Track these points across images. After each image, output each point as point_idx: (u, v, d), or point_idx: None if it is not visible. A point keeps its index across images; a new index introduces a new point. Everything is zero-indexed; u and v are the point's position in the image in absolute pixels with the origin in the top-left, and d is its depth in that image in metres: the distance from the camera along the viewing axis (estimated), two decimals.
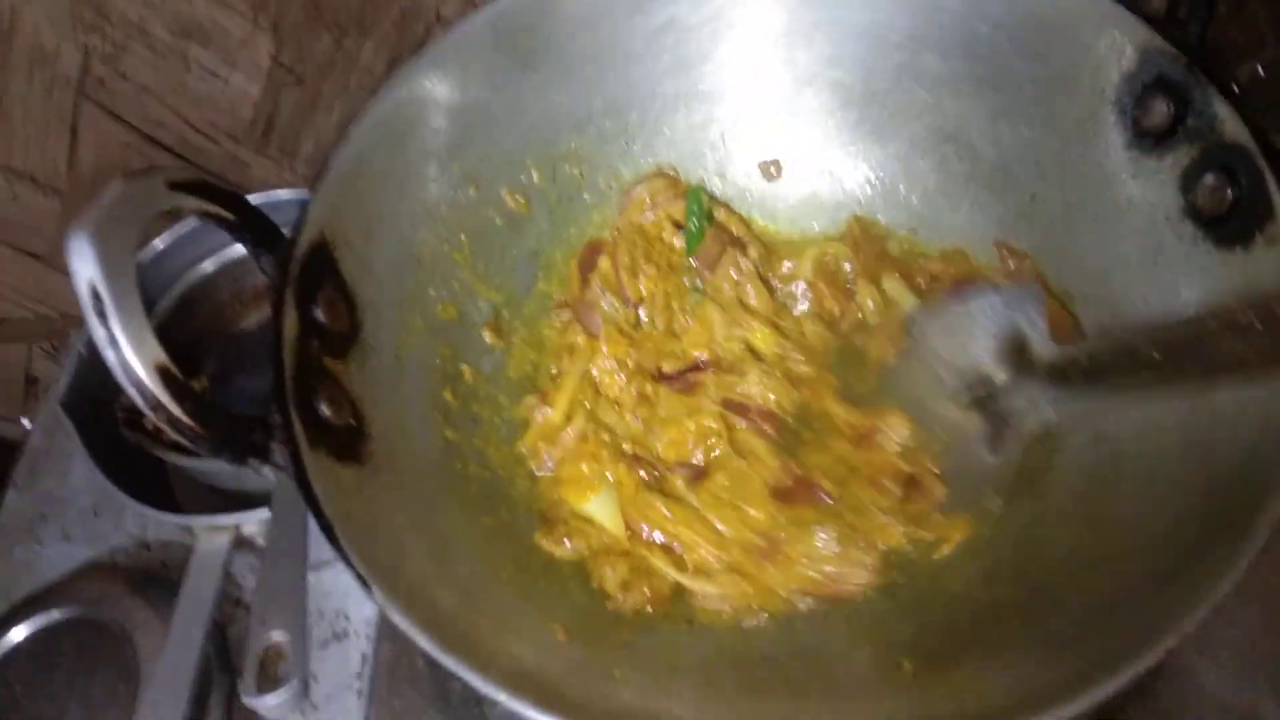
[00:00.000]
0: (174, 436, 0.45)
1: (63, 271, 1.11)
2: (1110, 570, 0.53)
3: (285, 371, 0.50)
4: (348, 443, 0.53)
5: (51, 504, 0.98)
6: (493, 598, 0.54)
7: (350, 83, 1.11)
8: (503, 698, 0.44)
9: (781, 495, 0.64)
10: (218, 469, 0.86)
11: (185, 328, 0.97)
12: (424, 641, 0.44)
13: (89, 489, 0.98)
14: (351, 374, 0.56)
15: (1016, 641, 0.53)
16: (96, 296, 0.43)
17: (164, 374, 0.44)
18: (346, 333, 0.57)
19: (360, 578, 0.45)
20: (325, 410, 0.52)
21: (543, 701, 0.44)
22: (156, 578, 0.89)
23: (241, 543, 0.84)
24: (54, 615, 0.83)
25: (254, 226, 0.55)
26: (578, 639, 0.54)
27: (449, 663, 0.44)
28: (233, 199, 0.54)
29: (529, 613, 0.56)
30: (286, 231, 0.56)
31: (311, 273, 0.55)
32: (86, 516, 0.97)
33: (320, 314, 0.55)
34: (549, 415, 0.67)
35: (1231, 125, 0.55)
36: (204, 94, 1.09)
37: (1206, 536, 0.48)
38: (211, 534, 0.82)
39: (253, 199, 0.94)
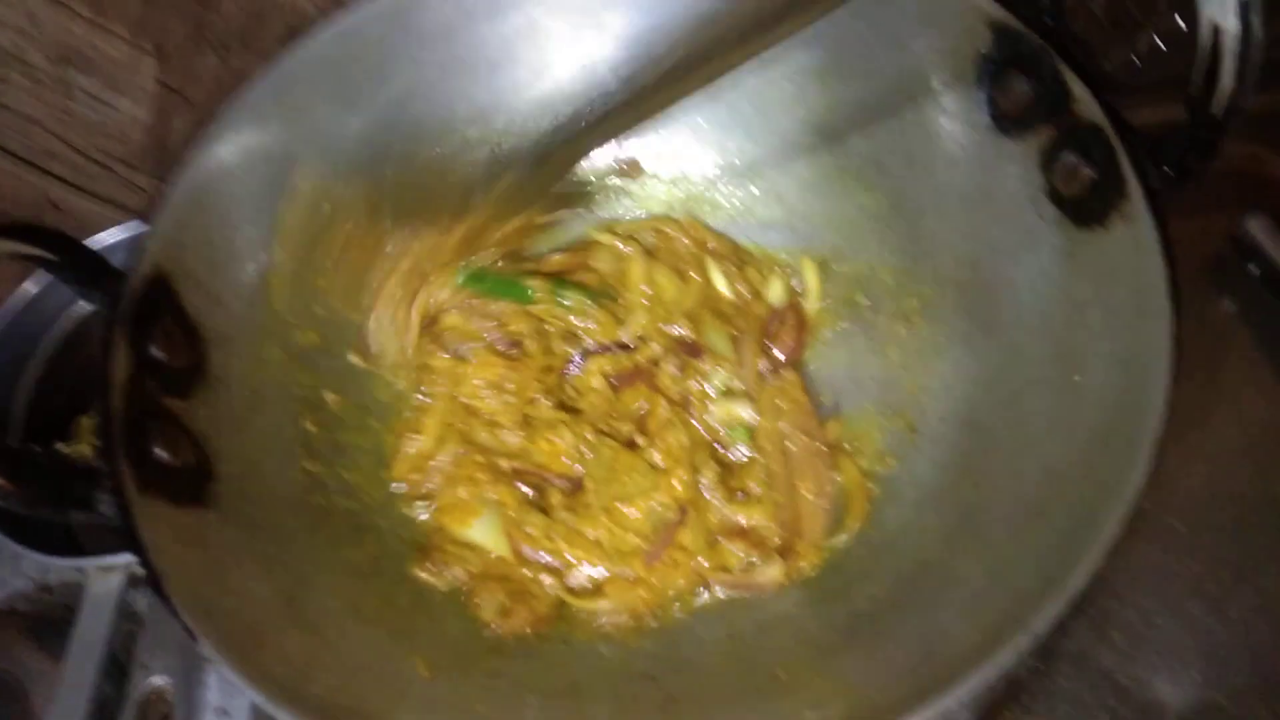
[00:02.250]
0: None
1: None
2: (984, 558, 0.52)
3: (113, 416, 0.49)
4: (188, 485, 0.51)
5: None
6: (351, 637, 0.53)
7: None
8: None
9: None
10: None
11: (71, 364, 0.94)
12: (259, 698, 0.43)
13: None
14: (196, 411, 0.54)
15: (889, 639, 0.52)
16: None
17: None
18: (189, 369, 0.55)
19: (188, 630, 0.44)
20: (161, 453, 0.50)
21: None
22: (57, 623, 0.86)
23: (137, 581, 0.82)
24: None
25: (81, 265, 0.53)
26: (442, 674, 0.53)
27: (284, 717, 0.42)
28: (55, 238, 0.52)
29: (391, 650, 0.54)
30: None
31: (147, 309, 0.53)
32: None
33: (158, 351, 0.53)
34: (420, 444, 0.65)
35: (1085, 104, 0.54)
36: (92, 121, 1.06)
37: (1075, 514, 0.48)
38: (102, 574, 0.80)
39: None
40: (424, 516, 0.64)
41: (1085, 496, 0.48)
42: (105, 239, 0.93)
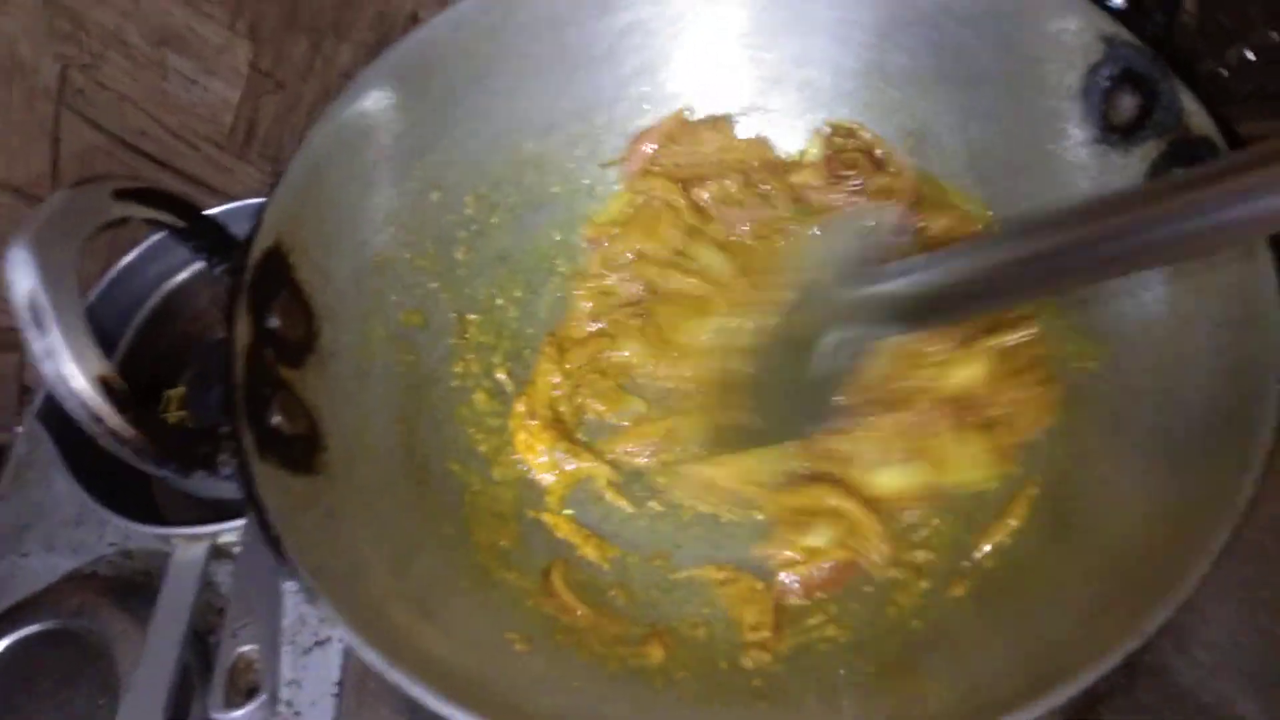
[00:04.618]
0: (116, 450, 0.45)
1: None
2: (1081, 561, 0.52)
3: (236, 382, 0.50)
4: (301, 453, 0.52)
5: (35, 514, 0.98)
6: (453, 608, 0.54)
7: (329, 87, 1.10)
8: (456, 715, 0.43)
9: None
10: (198, 479, 0.85)
11: (165, 334, 0.97)
12: (372, 656, 0.44)
13: (71, 499, 0.97)
14: (308, 383, 0.55)
15: (979, 642, 0.52)
16: (34, 308, 0.42)
17: (105, 386, 0.44)
18: (303, 341, 0.56)
19: (308, 591, 0.45)
20: (278, 420, 0.51)
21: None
22: (139, 588, 0.88)
23: (220, 552, 0.84)
24: (33, 628, 0.82)
25: (207, 234, 0.55)
26: (538, 649, 0.54)
27: (400, 680, 0.43)
28: (184, 207, 0.53)
29: (489, 622, 0.55)
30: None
31: (266, 280, 0.54)
32: (70, 526, 0.96)
33: (275, 322, 0.54)
34: None
35: (1198, 119, 0.54)
36: (184, 101, 1.09)
37: (1179, 525, 0.48)
38: (187, 544, 0.82)
39: (233, 207, 0.96)
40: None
41: (1189, 506, 0.48)
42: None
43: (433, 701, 0.43)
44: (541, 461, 0.66)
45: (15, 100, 1.04)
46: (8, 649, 0.81)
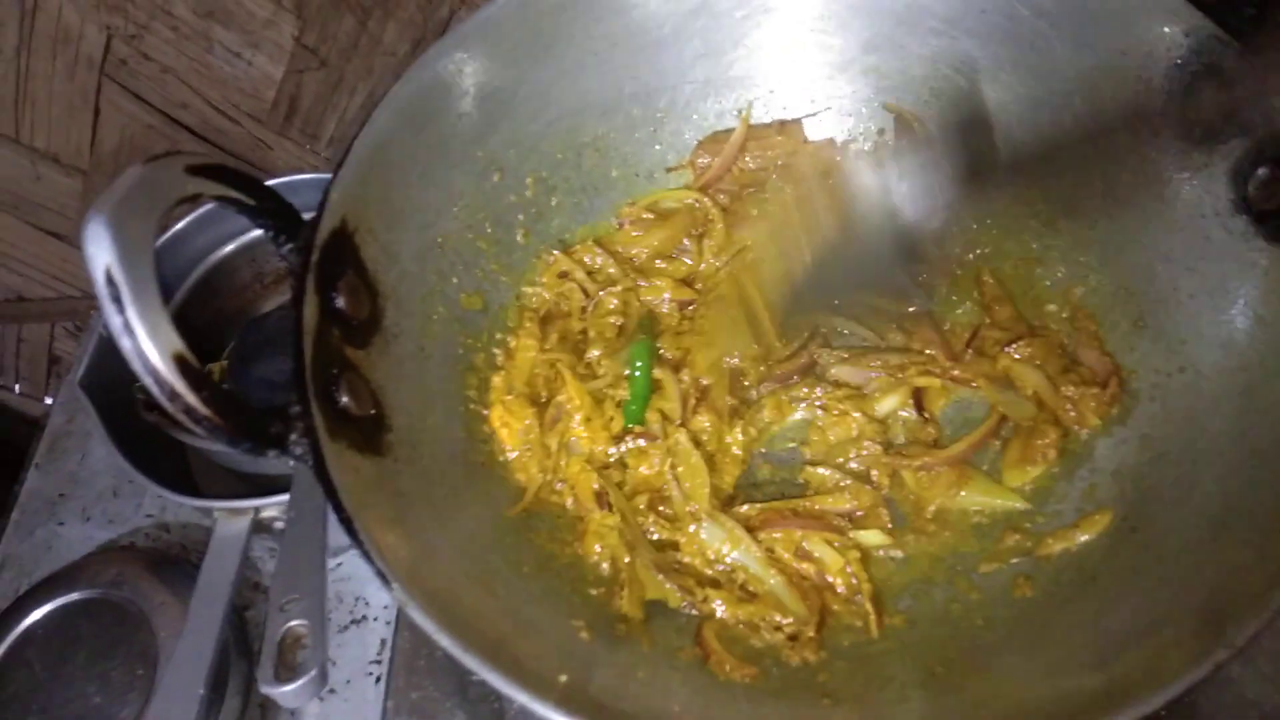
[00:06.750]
0: (191, 428, 0.44)
1: None
2: (1159, 570, 0.51)
3: (305, 361, 0.49)
4: (369, 434, 0.52)
5: (72, 484, 0.98)
6: (516, 594, 0.53)
7: (374, 65, 1.09)
8: (526, 700, 0.43)
9: None
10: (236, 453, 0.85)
11: (206, 309, 0.96)
12: (446, 641, 0.43)
13: (109, 470, 0.98)
14: (373, 363, 0.55)
15: (1051, 645, 0.51)
16: (112, 283, 0.42)
17: (181, 363, 0.43)
18: (368, 321, 0.56)
19: (381, 574, 0.44)
20: (346, 400, 0.51)
21: (567, 705, 0.43)
22: (176, 560, 0.89)
23: (260, 527, 0.83)
24: (73, 596, 0.82)
25: (275, 212, 0.53)
26: (601, 638, 0.53)
27: (472, 664, 0.43)
28: (253, 184, 0.52)
29: (553, 610, 0.54)
30: (307, 217, 0.55)
31: (333, 260, 0.53)
32: (106, 497, 0.97)
33: (341, 302, 0.53)
34: None
35: None
36: (226, 75, 1.08)
37: (1262, 536, 0.47)
38: (230, 518, 0.81)
39: (273, 183, 0.95)
40: None
41: (1274, 514, 0.47)
42: None
43: (507, 688, 0.42)
44: (517, 441, 0.64)
45: (58, 69, 1.03)
46: (46, 616, 0.82)
